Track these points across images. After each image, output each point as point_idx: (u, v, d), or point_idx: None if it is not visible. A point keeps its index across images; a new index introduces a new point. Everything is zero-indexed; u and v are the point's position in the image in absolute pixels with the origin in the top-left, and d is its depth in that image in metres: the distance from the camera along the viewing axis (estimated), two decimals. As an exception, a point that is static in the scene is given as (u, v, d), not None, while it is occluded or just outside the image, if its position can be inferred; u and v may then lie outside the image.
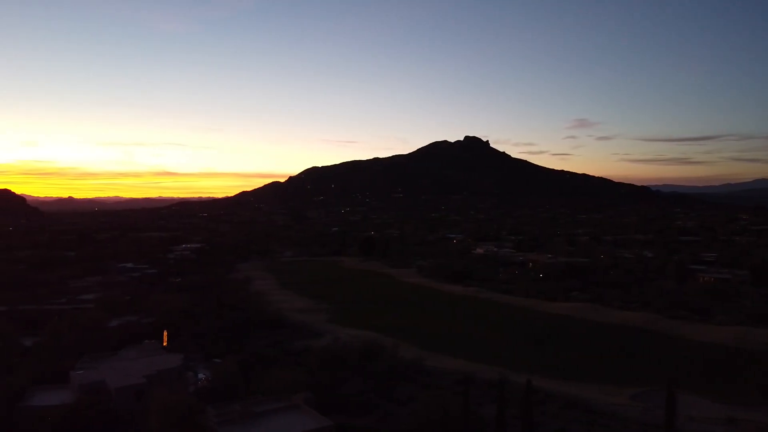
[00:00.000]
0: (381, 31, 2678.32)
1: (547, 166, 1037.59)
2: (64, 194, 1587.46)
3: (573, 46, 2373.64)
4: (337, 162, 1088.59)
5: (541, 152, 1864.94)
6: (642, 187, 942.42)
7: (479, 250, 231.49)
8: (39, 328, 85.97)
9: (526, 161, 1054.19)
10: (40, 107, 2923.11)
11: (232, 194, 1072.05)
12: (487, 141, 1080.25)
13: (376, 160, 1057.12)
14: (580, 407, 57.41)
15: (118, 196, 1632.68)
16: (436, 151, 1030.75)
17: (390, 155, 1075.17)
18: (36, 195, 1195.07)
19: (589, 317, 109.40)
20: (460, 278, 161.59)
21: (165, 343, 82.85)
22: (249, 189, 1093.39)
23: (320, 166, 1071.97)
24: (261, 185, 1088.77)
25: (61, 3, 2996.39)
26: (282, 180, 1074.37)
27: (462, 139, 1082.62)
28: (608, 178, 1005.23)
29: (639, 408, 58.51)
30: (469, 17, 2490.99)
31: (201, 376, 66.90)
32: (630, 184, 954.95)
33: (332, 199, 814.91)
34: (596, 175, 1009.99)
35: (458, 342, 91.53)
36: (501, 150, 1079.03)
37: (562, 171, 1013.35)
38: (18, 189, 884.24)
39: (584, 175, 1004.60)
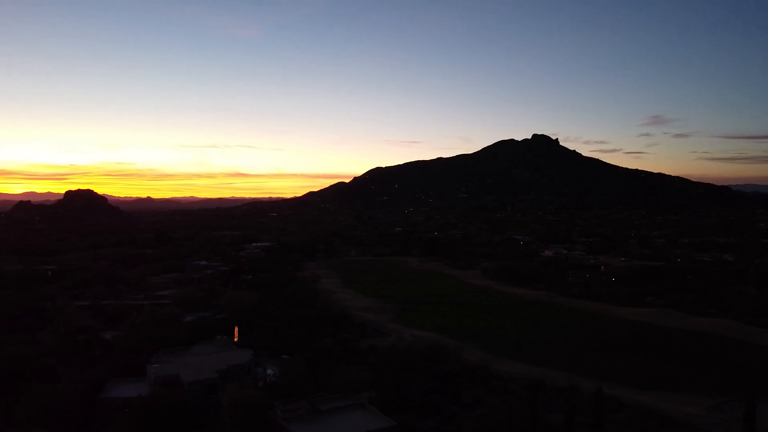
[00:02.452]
0: (443, 30, 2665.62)
1: (620, 165, 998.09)
2: (143, 194, 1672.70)
3: (646, 39, 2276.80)
4: (401, 162, 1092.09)
5: (614, 150, 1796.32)
6: (722, 186, 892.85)
7: (548, 253, 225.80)
8: (119, 323, 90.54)
9: (597, 160, 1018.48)
10: (120, 113, 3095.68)
11: (300, 194, 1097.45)
12: (557, 139, 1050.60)
13: (439, 159, 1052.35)
14: (653, 417, 54.91)
15: (193, 196, 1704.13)
16: (502, 150, 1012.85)
17: (454, 155, 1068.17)
18: (117, 195, 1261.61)
19: (664, 323, 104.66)
20: (527, 281, 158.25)
21: (236, 339, 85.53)
22: (316, 189, 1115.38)
23: (384, 166, 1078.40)
24: (327, 186, 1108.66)
25: (139, 12, 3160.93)
26: (347, 180, 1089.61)
27: (529, 137, 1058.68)
28: (686, 177, 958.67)
29: (716, 419, 55.60)
30: (536, 11, 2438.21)
31: (269, 372, 68.49)
32: (709, 184, 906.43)
33: (396, 199, 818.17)
34: (673, 175, 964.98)
35: (525, 346, 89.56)
36: (571, 148, 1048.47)
37: (636, 170, 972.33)
38: (100, 189, 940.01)
39: (660, 174, 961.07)
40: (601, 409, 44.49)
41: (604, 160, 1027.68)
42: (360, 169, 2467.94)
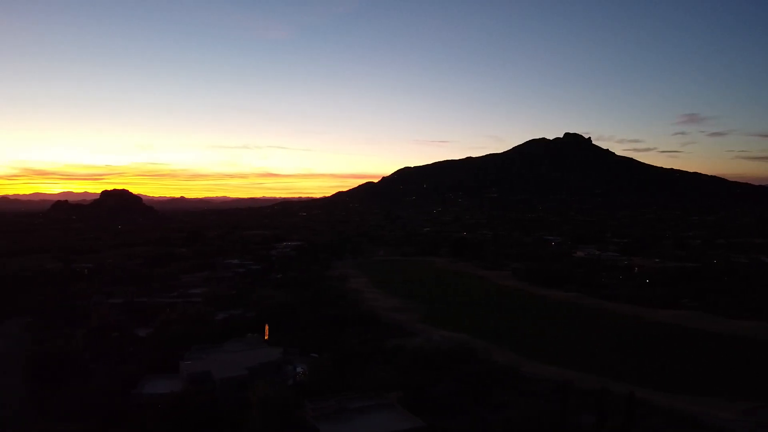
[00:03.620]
0: (473, 28, 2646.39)
1: (654, 165, 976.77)
2: (177, 194, 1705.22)
3: (680, 36, 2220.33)
4: (429, 162, 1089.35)
5: (648, 150, 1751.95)
6: (760, 186, 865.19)
7: (580, 253, 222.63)
8: (151, 320, 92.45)
9: (631, 159, 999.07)
10: (154, 114, 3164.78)
11: (329, 194, 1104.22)
12: (589, 138, 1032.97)
13: (468, 159, 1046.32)
14: (686, 422, 53.71)
15: (225, 196, 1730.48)
16: (533, 149, 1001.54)
17: (483, 154, 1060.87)
18: (151, 195, 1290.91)
19: (699, 326, 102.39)
20: (558, 282, 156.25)
21: (266, 337, 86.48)
22: (344, 189, 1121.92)
23: (412, 166, 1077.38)
24: (355, 185, 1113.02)
25: (173, 15, 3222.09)
26: (375, 180, 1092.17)
27: (561, 136, 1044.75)
28: (722, 177, 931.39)
29: (751, 424, 54.31)
30: (568, 7, 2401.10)
31: (299, 370, 69.05)
32: (746, 184, 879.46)
33: (424, 199, 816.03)
34: (709, 174, 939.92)
35: (555, 348, 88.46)
36: (604, 147, 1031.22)
37: (671, 170, 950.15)
38: (135, 189, 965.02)
39: (695, 173, 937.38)
40: (632, 413, 43.72)
41: (637, 160, 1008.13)
42: (388, 168, 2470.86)
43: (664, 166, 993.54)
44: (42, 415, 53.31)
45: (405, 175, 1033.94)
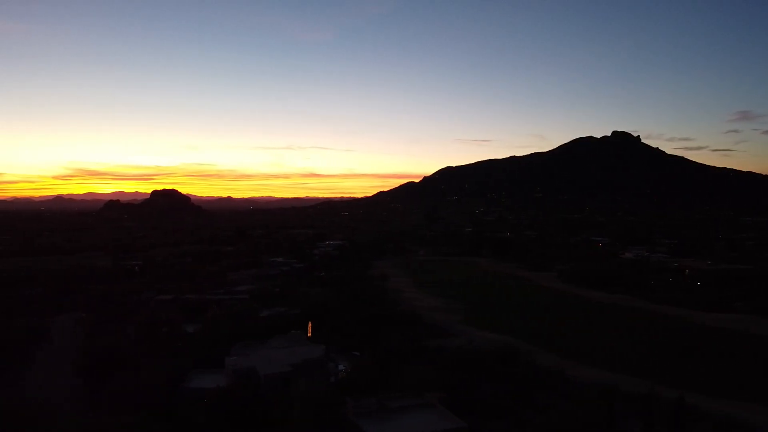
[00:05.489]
0: (516, 24, 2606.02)
1: (706, 164, 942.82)
2: (224, 194, 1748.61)
3: (733, 31, 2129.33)
4: (472, 162, 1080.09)
5: (699, 148, 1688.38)
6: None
7: (628, 255, 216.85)
8: (199, 316, 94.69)
9: (682, 158, 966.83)
10: (202, 116, 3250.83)
11: (371, 194, 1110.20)
12: (638, 136, 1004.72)
13: (512, 158, 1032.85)
14: (736, 428, 51.69)
15: (270, 196, 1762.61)
16: (579, 147, 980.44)
17: (527, 153, 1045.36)
18: (199, 195, 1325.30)
19: (751, 330, 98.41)
20: (605, 284, 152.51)
21: (309, 334, 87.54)
22: (386, 189, 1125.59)
23: (454, 166, 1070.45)
24: (397, 185, 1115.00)
25: (218, 21, 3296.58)
26: (417, 180, 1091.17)
27: (609, 134, 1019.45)
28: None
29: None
30: (618, 1, 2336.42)
31: (340, 367, 69.72)
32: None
33: (466, 199, 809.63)
34: (763, 174, 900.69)
35: (600, 352, 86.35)
36: (654, 146, 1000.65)
37: (724, 169, 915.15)
38: (183, 189, 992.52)
39: (749, 173, 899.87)
40: (680, 418, 42.40)
41: (689, 158, 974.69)
42: (430, 168, 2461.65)
43: (717, 165, 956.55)
44: (92, 407, 55.09)
45: (447, 174, 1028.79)
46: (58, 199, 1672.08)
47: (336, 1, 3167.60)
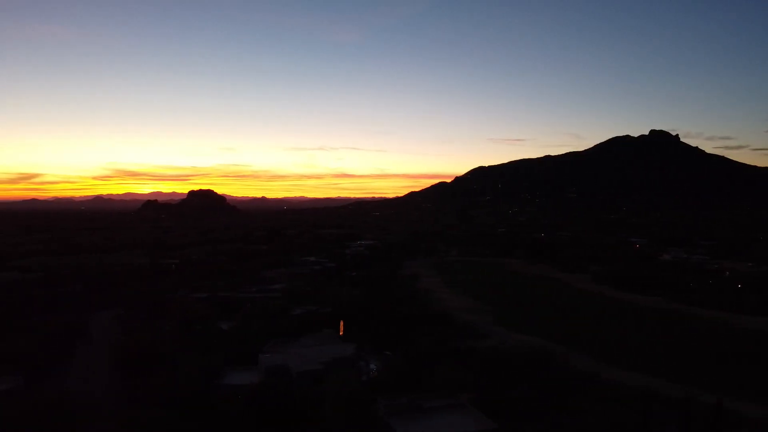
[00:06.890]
0: (550, 22, 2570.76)
1: (747, 163, 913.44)
2: (258, 194, 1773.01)
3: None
4: (505, 161, 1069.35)
5: (740, 147, 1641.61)
6: None
7: (666, 256, 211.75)
8: (233, 314, 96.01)
9: (722, 157, 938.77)
10: (237, 118, 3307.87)
11: (402, 194, 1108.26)
12: (677, 135, 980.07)
13: (547, 158, 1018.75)
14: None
15: (303, 196, 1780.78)
16: (616, 147, 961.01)
17: (562, 153, 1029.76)
18: (234, 195, 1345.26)
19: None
20: (642, 287, 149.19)
21: (341, 333, 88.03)
22: (417, 189, 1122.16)
23: (486, 165, 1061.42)
24: (428, 185, 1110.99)
25: (251, 24, 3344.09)
26: (448, 180, 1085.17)
27: (647, 133, 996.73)
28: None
29: None
30: None
31: (372, 366, 69.86)
32: None
33: (499, 199, 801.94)
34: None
35: (637, 355, 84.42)
36: (693, 145, 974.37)
37: (766, 168, 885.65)
38: (219, 189, 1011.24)
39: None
40: (719, 423, 41.20)
41: (729, 158, 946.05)
42: (462, 168, 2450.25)
43: (758, 165, 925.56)
44: (129, 402, 56.40)
45: (479, 174, 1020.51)
46: (98, 199, 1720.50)
47: (366, 1, 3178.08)
